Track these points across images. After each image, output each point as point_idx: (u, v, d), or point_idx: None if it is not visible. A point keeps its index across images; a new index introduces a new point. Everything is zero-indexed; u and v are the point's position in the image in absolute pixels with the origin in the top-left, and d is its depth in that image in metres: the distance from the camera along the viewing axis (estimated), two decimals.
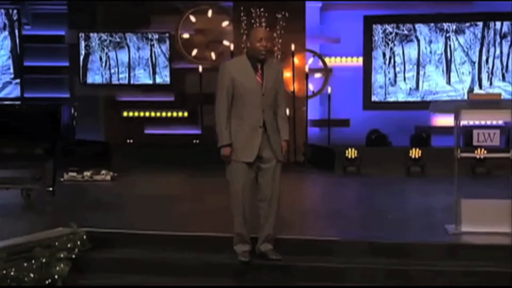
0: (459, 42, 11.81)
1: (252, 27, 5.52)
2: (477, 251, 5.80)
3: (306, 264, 5.81)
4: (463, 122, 6.33)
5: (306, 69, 11.67)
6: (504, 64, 11.67)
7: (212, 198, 8.58)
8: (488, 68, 11.76)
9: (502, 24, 11.59)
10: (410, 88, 12.05)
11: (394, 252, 5.91)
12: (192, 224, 7.00)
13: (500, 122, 8.53)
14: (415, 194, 9.05)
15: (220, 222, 7.18)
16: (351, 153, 10.84)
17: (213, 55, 12.35)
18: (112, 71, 12.55)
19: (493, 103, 6.18)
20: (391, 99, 12.12)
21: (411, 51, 11.94)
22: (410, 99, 12.02)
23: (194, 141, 12.20)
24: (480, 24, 11.67)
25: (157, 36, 12.49)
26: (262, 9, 11.51)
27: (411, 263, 5.74)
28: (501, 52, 11.66)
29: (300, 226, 6.95)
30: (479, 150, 10.31)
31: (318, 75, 12.20)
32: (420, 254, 5.84)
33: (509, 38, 11.57)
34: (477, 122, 7.22)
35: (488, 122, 8.64)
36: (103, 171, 10.01)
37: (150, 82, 12.57)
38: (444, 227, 6.39)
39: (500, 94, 6.29)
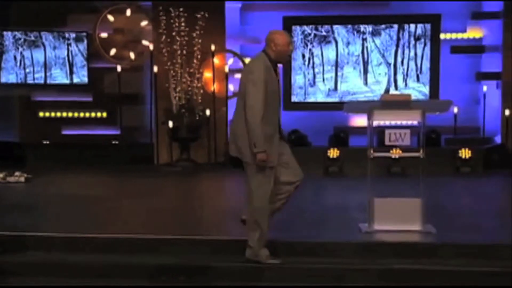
0: (375, 44, 12.06)
1: (275, 32, 5.30)
2: (389, 249, 5.93)
3: (223, 264, 5.81)
4: (376, 122, 6.46)
5: (226, 69, 11.69)
6: (419, 65, 11.98)
7: (129, 199, 8.49)
8: (404, 69, 12.05)
9: (416, 27, 11.90)
10: (329, 89, 12.22)
11: (310, 251, 5.98)
12: (108, 225, 6.90)
13: (415, 123, 8.77)
14: (332, 193, 9.20)
15: (136, 224, 7.12)
16: None
17: (132, 55, 12.21)
18: (27, 70, 12.23)
19: (404, 103, 6.34)
20: (311, 99, 12.26)
21: (329, 52, 12.12)
22: (329, 99, 12.18)
23: (113, 141, 12.03)
24: (396, 26, 11.95)
25: (74, 35, 12.25)
26: (181, 9, 11.45)
27: (326, 262, 5.80)
28: (416, 54, 11.96)
29: (219, 226, 6.96)
30: (394, 150, 10.59)
31: (238, 75, 12.20)
32: (334, 252, 5.92)
33: (423, 40, 11.89)
34: (392, 123, 7.37)
35: (400, 123, 8.86)
36: (17, 173, 9.76)
37: (67, 82, 12.31)
38: (358, 226, 6.50)
39: (410, 95, 6.46)
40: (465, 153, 10.66)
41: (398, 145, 6.43)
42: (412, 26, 11.91)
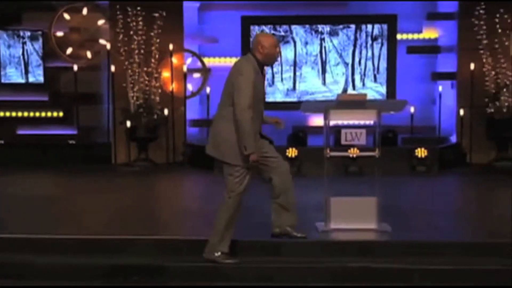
0: (333, 44, 12.14)
1: (263, 33, 5.77)
2: (344, 247, 5.98)
3: (179, 264, 5.79)
4: (333, 122, 6.50)
5: (184, 69, 11.64)
6: (376, 65, 12.10)
7: (84, 199, 8.41)
8: (361, 69, 12.15)
9: (373, 27, 12.01)
10: (288, 89, 12.26)
11: (266, 250, 5.99)
12: (61, 226, 6.82)
13: (372, 122, 8.85)
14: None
15: (92, 224, 7.04)
16: None
17: (88, 54, 12.07)
18: None
19: (359, 103, 6.39)
20: (270, 99, 12.23)
21: (288, 52, 12.16)
22: (288, 99, 12.21)
23: (70, 141, 11.89)
24: (353, 26, 12.05)
25: (29, 34, 12.07)
26: (138, 8, 11.36)
27: (282, 261, 5.83)
28: (373, 54, 12.07)
29: (176, 226, 6.93)
30: (352, 149, 10.67)
31: (196, 75, 12.19)
32: (290, 252, 5.95)
33: (380, 40, 12.01)
34: (349, 122, 7.42)
35: (357, 122, 8.92)
36: None
37: (23, 81, 12.13)
38: (315, 225, 6.53)
39: (366, 95, 6.52)
40: (421, 152, 10.78)
41: (354, 144, 6.48)
42: (369, 26, 12.02)
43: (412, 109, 11.72)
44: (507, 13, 11.10)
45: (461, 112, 11.40)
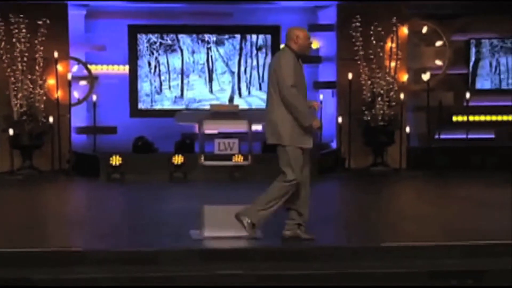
0: (219, 53, 12.43)
1: (295, 28, 6.43)
2: (216, 255, 6.19)
3: (48, 277, 5.75)
4: (208, 131, 6.73)
5: (69, 76, 11.60)
6: (261, 74, 12.47)
7: None
8: (247, 78, 12.50)
9: (257, 37, 12.39)
10: (176, 96, 12.44)
11: (139, 259, 6.09)
12: None
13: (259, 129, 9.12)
14: (172, 200, 9.38)
15: None
16: (115, 160, 11.01)
17: None
18: None
19: (232, 114, 6.67)
20: (157, 106, 12.42)
21: (175, 60, 12.34)
22: (176, 107, 12.36)
23: None
24: (238, 36, 12.38)
25: None
26: (21, 16, 11.23)
27: (153, 270, 5.93)
28: (258, 63, 12.45)
29: (56, 237, 6.95)
30: (236, 157, 10.97)
31: (83, 82, 12.17)
32: (162, 260, 6.07)
33: (264, 50, 12.39)
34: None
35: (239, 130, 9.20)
36: None
37: None
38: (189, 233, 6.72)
39: (237, 106, 6.79)
40: None
41: (227, 153, 6.74)
42: (254, 36, 12.38)
43: None
44: (381, 26, 11.72)
45: (340, 119, 11.95)
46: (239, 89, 12.52)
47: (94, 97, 11.98)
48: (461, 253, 6.01)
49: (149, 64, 12.31)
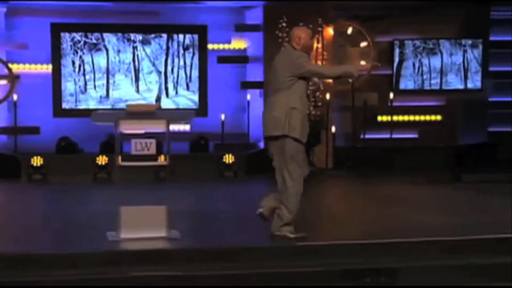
0: (146, 53, 12.30)
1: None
2: (130, 257, 6.09)
3: None
4: (125, 132, 6.63)
5: None
6: (188, 74, 12.40)
7: None
8: (174, 77, 12.40)
9: (184, 37, 12.31)
10: (101, 96, 12.25)
11: (55, 262, 5.95)
12: None
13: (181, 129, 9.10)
14: (94, 201, 9.24)
15: None
16: (37, 161, 10.77)
17: None
18: None
19: (149, 114, 6.58)
20: (82, 106, 12.19)
21: (100, 59, 12.15)
22: (101, 106, 12.18)
23: None
24: (165, 36, 12.27)
25: None
26: None
27: (69, 274, 5.75)
28: (185, 63, 12.37)
29: None
30: (161, 157, 10.88)
31: (3, 82, 11.84)
32: (77, 263, 5.92)
33: (191, 50, 12.32)
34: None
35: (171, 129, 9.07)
36: None
37: None
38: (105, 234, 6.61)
39: (155, 105, 6.71)
40: (228, 158, 11.21)
41: (144, 154, 6.64)
42: (181, 36, 12.30)
43: (222, 117, 12.13)
44: (306, 26, 11.75)
45: None
46: (166, 89, 12.42)
47: (15, 97, 11.68)
48: (375, 251, 6.07)
49: (73, 63, 12.08)
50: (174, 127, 11.90)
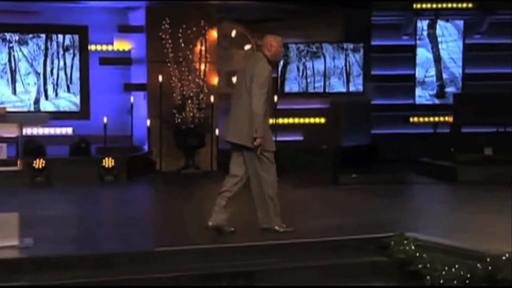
0: (23, 53, 11.85)
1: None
2: None
3: None
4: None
5: None
6: (69, 75, 12.04)
7: None
8: (54, 79, 12.01)
9: (64, 37, 11.95)
10: None
11: None
12: None
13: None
14: None
15: None
16: None
17: None
18: None
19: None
20: None
21: None
22: None
23: None
24: (43, 36, 11.87)
25: None
26: None
27: None
28: (65, 64, 12.00)
29: None
30: (36, 161, 10.54)
31: None
32: None
33: (72, 50, 11.97)
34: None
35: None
36: None
37: None
38: None
39: (5, 108, 6.42)
40: (108, 162, 10.95)
41: None
42: (60, 36, 11.93)
43: (105, 119, 11.84)
44: (190, 28, 11.71)
45: (148, 122, 11.80)
46: (46, 90, 12.02)
47: None
48: (235, 254, 6.03)
49: None
50: (55, 130, 11.68)
